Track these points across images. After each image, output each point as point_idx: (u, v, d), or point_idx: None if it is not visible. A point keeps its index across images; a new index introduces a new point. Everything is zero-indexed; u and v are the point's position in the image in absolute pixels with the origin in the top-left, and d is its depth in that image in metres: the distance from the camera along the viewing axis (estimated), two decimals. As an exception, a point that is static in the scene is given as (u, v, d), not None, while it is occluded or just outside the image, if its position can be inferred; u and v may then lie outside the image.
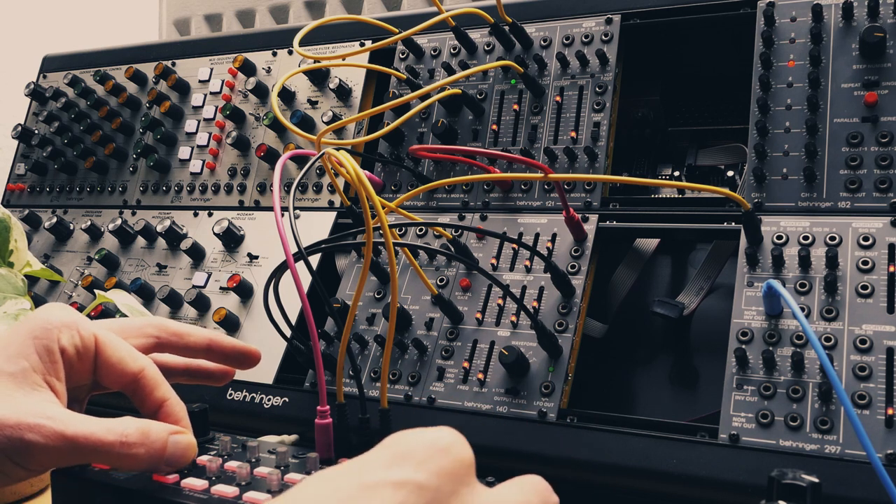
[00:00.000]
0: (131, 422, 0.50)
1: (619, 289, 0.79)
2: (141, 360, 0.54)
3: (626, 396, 0.79)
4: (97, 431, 0.48)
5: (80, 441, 0.47)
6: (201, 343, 0.61)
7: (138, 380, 0.54)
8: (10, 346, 0.50)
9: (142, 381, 0.54)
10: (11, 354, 0.49)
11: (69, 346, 0.51)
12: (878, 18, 0.70)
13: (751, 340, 0.63)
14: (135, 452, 0.49)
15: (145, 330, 0.59)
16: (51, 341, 0.50)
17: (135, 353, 0.54)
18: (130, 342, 0.56)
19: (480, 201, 0.81)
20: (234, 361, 0.63)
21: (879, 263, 0.63)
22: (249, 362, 0.64)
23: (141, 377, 0.53)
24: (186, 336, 0.61)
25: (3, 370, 0.49)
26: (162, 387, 0.54)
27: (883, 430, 0.56)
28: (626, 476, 0.62)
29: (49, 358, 0.50)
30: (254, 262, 0.89)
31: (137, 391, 0.54)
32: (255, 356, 0.64)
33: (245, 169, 0.97)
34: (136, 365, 0.53)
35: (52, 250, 1.05)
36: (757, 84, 0.72)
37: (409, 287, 0.78)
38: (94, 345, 0.52)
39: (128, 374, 0.53)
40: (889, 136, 0.66)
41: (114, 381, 0.53)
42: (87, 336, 0.52)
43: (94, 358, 0.53)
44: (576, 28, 0.82)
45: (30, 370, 0.49)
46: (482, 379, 0.70)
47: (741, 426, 0.60)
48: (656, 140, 0.89)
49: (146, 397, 0.54)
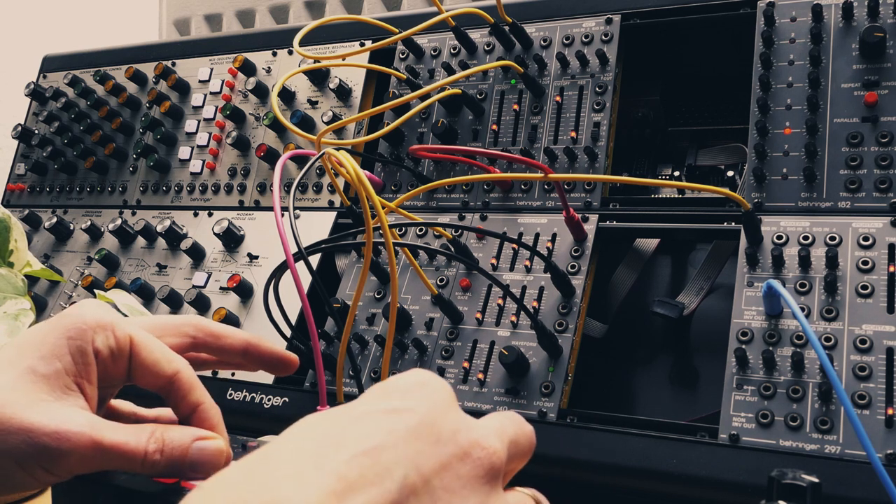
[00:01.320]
0: (152, 429, 0.49)
1: (619, 289, 0.79)
2: (176, 362, 0.53)
3: (626, 396, 0.79)
4: (129, 440, 0.48)
5: (113, 450, 0.47)
6: (238, 346, 0.60)
7: (172, 383, 0.52)
8: (43, 346, 0.49)
9: (176, 385, 0.52)
10: (45, 354, 0.49)
11: (104, 349, 0.50)
12: (878, 18, 0.70)
13: (751, 340, 0.63)
14: (153, 460, 0.49)
15: (182, 329, 0.58)
16: (85, 343, 0.49)
17: (170, 355, 0.53)
18: (166, 341, 0.55)
19: (480, 201, 0.81)
20: (270, 367, 0.62)
21: (879, 263, 0.63)
22: (286, 369, 0.62)
23: (175, 380, 0.52)
24: (224, 338, 0.59)
25: (37, 371, 0.48)
26: (196, 390, 0.53)
27: (883, 430, 0.56)
28: (626, 476, 0.62)
29: (83, 360, 0.49)
30: (254, 262, 0.89)
31: (171, 394, 0.53)
32: (293, 363, 0.62)
33: (245, 169, 0.97)
34: (171, 368, 0.52)
35: (52, 250, 1.05)
36: (757, 84, 0.72)
37: (409, 287, 0.78)
38: (129, 346, 0.51)
39: (162, 378, 0.52)
40: (889, 136, 0.66)
41: (147, 383, 0.53)
42: (123, 337, 0.51)
43: (129, 360, 0.52)
44: (576, 28, 0.82)
45: (63, 372, 0.48)
46: (482, 379, 0.70)
47: (741, 426, 0.60)
48: (656, 140, 0.89)
49: (180, 401, 0.53)
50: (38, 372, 0.48)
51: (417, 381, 0.37)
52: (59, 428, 0.46)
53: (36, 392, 0.48)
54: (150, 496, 0.55)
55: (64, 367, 0.49)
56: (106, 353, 0.50)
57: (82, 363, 0.49)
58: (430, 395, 0.36)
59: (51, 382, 0.48)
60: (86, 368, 0.49)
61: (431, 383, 0.37)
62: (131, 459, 0.48)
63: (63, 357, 0.49)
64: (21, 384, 0.48)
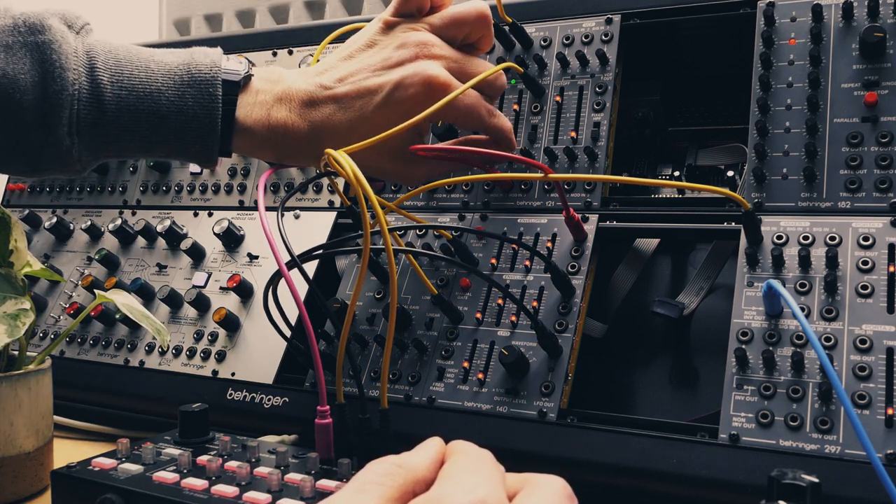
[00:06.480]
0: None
1: (619, 289, 0.79)
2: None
3: (626, 396, 0.79)
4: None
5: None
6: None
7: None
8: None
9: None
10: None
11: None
12: (878, 18, 0.70)
13: (751, 340, 0.63)
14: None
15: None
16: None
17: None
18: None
19: (480, 201, 0.81)
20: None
21: (879, 263, 0.63)
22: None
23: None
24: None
25: None
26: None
27: (883, 430, 0.56)
28: (626, 476, 0.62)
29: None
30: (254, 262, 0.89)
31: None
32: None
33: (245, 169, 0.97)
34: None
35: (52, 250, 1.05)
36: (757, 84, 0.72)
37: (409, 287, 0.78)
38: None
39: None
40: (889, 136, 0.66)
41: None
42: None
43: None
44: (576, 28, 0.82)
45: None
46: (482, 379, 0.70)
47: (741, 426, 0.60)
48: (656, 140, 0.89)
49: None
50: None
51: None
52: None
53: None
54: (150, 496, 0.55)
55: None
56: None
57: None
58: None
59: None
60: None
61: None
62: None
63: None
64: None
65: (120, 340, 0.90)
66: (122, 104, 0.65)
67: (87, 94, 0.64)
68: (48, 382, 0.72)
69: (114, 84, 0.65)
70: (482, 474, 0.40)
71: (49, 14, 0.65)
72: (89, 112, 0.64)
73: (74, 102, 0.64)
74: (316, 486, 0.54)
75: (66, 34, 0.65)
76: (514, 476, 0.42)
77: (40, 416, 0.70)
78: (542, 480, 0.41)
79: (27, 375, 0.69)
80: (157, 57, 0.68)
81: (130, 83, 0.65)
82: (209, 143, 0.67)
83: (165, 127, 0.66)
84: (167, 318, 0.89)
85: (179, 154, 0.69)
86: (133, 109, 0.65)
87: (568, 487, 0.41)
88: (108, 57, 0.66)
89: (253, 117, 0.68)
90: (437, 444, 0.45)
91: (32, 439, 0.69)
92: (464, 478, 0.39)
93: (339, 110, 0.69)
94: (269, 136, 0.69)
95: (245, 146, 0.70)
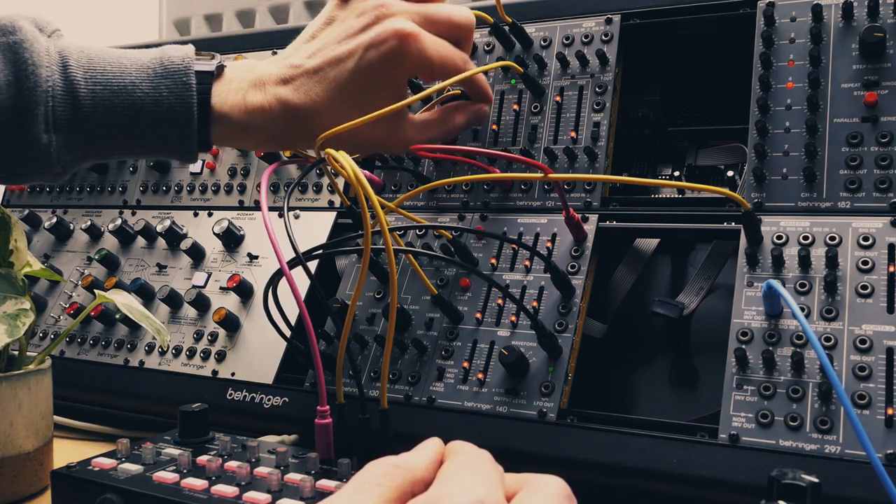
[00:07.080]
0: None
1: (619, 289, 0.79)
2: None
3: (626, 396, 0.79)
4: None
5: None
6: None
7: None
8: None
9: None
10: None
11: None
12: (878, 18, 0.70)
13: (751, 340, 0.63)
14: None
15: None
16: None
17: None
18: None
19: (480, 201, 0.81)
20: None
21: (879, 263, 0.63)
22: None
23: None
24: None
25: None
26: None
27: (883, 430, 0.56)
28: (626, 476, 0.62)
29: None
30: (254, 262, 0.89)
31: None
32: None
33: (245, 169, 0.97)
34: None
35: (52, 250, 1.05)
36: (757, 84, 0.72)
37: (409, 287, 0.78)
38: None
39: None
40: (889, 136, 0.66)
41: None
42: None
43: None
44: (576, 28, 0.82)
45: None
46: (482, 379, 0.70)
47: (741, 426, 0.60)
48: (656, 140, 0.89)
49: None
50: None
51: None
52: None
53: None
54: (150, 496, 0.55)
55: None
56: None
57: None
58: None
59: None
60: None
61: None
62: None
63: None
64: None
65: (120, 340, 0.90)
66: (98, 98, 0.65)
67: (61, 90, 0.64)
68: (48, 382, 0.72)
69: (87, 80, 0.65)
70: (481, 474, 0.40)
71: (19, 16, 0.66)
72: (65, 108, 0.65)
73: (49, 99, 0.64)
74: (316, 486, 0.54)
75: (38, 35, 0.66)
76: (513, 476, 0.42)
77: (40, 416, 0.70)
78: (541, 481, 0.41)
79: (27, 375, 0.69)
80: (130, 54, 0.69)
81: (104, 78, 0.66)
82: (186, 133, 0.68)
83: (142, 119, 0.67)
84: (167, 318, 0.89)
85: (158, 149, 0.69)
86: (108, 104, 0.66)
87: (567, 488, 0.41)
88: (80, 55, 0.66)
89: (229, 103, 0.69)
90: (436, 444, 0.45)
91: (32, 439, 0.69)
92: (462, 478, 0.39)
93: (315, 84, 0.70)
94: (247, 122, 0.69)
95: (224, 135, 0.70)
